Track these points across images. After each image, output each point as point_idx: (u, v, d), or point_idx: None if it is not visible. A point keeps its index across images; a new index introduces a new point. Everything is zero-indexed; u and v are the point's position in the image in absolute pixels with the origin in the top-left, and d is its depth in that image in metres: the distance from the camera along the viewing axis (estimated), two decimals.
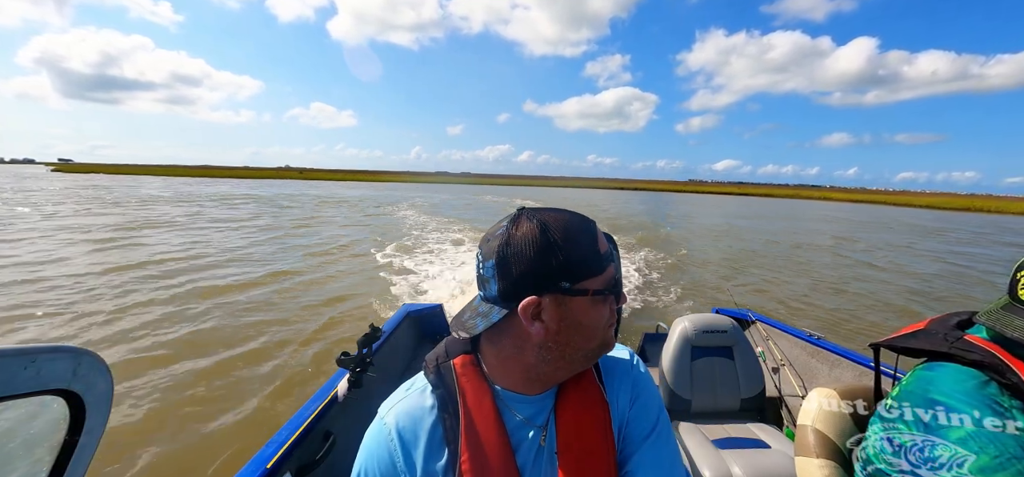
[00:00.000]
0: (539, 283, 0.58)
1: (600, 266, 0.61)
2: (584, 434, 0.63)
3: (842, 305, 7.32)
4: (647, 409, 0.68)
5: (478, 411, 0.63)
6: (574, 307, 0.59)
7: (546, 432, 0.64)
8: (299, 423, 1.44)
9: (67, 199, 22.29)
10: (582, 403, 0.65)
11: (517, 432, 0.63)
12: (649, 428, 0.67)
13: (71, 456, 0.55)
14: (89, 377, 0.55)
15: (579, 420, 0.64)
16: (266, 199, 27.42)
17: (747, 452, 1.67)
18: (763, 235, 17.67)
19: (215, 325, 5.22)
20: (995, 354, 0.73)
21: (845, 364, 2.28)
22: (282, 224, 15.22)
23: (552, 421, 0.65)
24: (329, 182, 77.49)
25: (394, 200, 31.43)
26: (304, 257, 9.48)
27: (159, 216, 16.16)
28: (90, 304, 5.77)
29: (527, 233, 0.59)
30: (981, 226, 29.17)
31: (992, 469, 0.64)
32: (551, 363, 0.62)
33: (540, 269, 0.58)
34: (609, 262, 0.62)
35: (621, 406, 0.68)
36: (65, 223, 13.18)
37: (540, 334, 0.60)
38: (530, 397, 0.65)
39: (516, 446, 0.63)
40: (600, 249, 0.62)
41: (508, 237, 0.60)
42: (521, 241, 0.59)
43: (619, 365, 0.72)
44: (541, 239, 0.59)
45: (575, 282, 0.59)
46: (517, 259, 0.59)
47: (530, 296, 0.58)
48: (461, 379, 0.65)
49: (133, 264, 8.05)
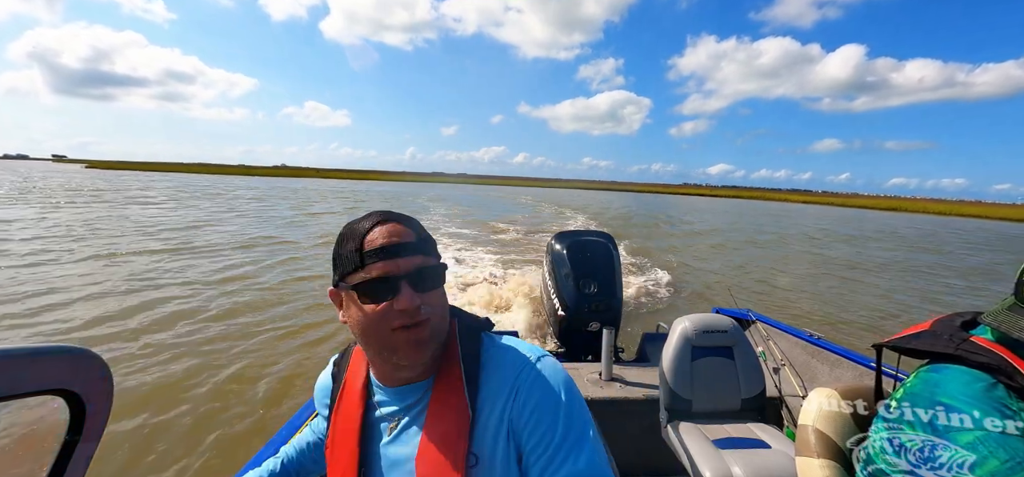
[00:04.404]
0: (334, 276, 0.66)
1: (359, 262, 0.61)
2: (437, 444, 0.61)
3: (843, 303, 7.31)
4: (541, 422, 0.60)
5: (351, 389, 0.73)
6: (345, 302, 0.65)
7: (398, 425, 0.67)
8: (299, 423, 1.44)
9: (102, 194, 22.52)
10: (442, 411, 0.63)
11: (374, 419, 0.69)
12: (548, 441, 0.59)
13: (71, 456, 0.55)
14: (89, 377, 0.55)
15: (436, 429, 0.62)
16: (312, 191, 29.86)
17: (747, 452, 1.67)
18: (761, 235, 17.65)
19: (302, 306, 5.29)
20: (1002, 356, 0.72)
21: (845, 364, 2.28)
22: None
23: (420, 417, 0.65)
24: (340, 180, 79.25)
25: (413, 196, 32.14)
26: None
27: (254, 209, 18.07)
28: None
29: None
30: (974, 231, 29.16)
31: (1003, 473, 0.63)
32: (373, 357, 0.68)
33: (333, 264, 0.66)
34: (376, 259, 0.60)
35: (493, 418, 0.62)
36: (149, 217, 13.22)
37: (344, 322, 0.66)
38: (387, 388, 0.69)
39: (368, 429, 0.69)
40: (365, 247, 0.61)
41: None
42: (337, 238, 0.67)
43: (505, 369, 0.65)
44: (338, 237, 0.66)
45: (341, 278, 0.64)
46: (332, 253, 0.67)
47: (330, 288, 0.67)
48: (352, 362, 0.75)
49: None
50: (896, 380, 0.94)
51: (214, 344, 4.68)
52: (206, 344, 4.67)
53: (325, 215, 18.89)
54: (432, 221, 17.94)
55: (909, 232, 22.71)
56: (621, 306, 3.17)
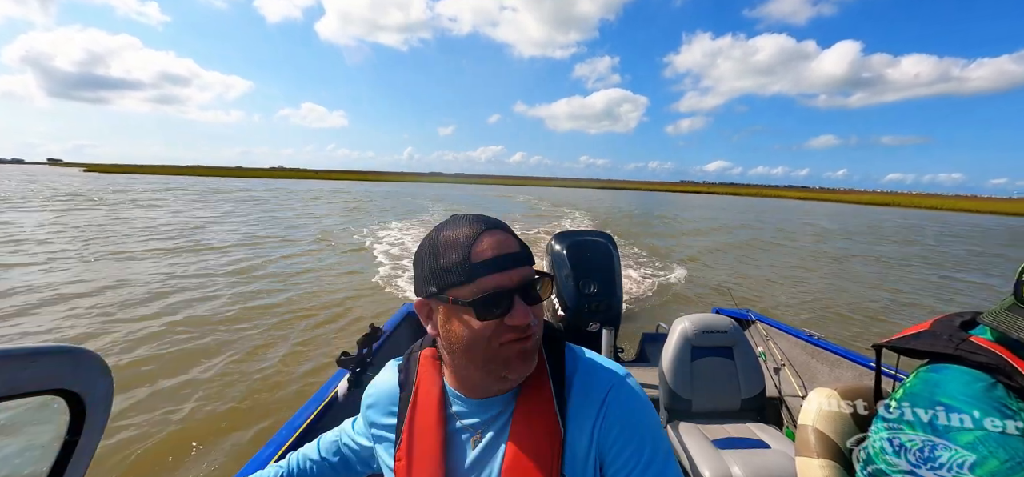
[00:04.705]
0: (421, 285, 0.62)
1: (467, 275, 0.56)
2: (527, 461, 0.60)
3: (845, 303, 7.33)
4: (629, 442, 0.60)
5: (426, 400, 0.68)
6: (446, 314, 0.60)
7: (482, 438, 0.64)
8: (299, 423, 1.44)
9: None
10: (530, 425, 0.61)
11: (455, 431, 0.66)
12: (634, 464, 0.59)
13: (71, 456, 0.55)
14: (89, 377, 0.55)
15: (524, 445, 0.60)
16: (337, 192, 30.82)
17: (747, 452, 1.67)
18: (760, 234, 17.68)
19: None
20: (1002, 356, 0.72)
21: (845, 364, 2.28)
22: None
23: (505, 431, 0.63)
24: (338, 182, 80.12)
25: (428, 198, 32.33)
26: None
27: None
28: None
29: (426, 237, 0.63)
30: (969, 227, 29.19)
31: (1003, 473, 0.63)
32: (463, 369, 0.64)
33: (422, 272, 0.62)
34: (485, 272, 0.56)
35: (584, 436, 0.61)
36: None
37: (435, 335, 0.63)
38: (470, 399, 0.66)
39: (450, 442, 0.65)
40: (473, 258, 0.57)
41: (423, 239, 0.64)
42: (421, 244, 0.64)
43: (594, 386, 0.64)
44: (427, 242, 0.62)
45: (442, 289, 0.59)
46: (416, 261, 0.64)
47: (418, 297, 0.64)
48: (422, 368, 0.71)
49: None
50: (896, 380, 0.94)
51: (212, 345, 4.67)
52: (205, 345, 4.66)
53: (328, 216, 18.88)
54: (433, 221, 17.98)
55: (891, 227, 22.80)
56: (621, 306, 3.17)
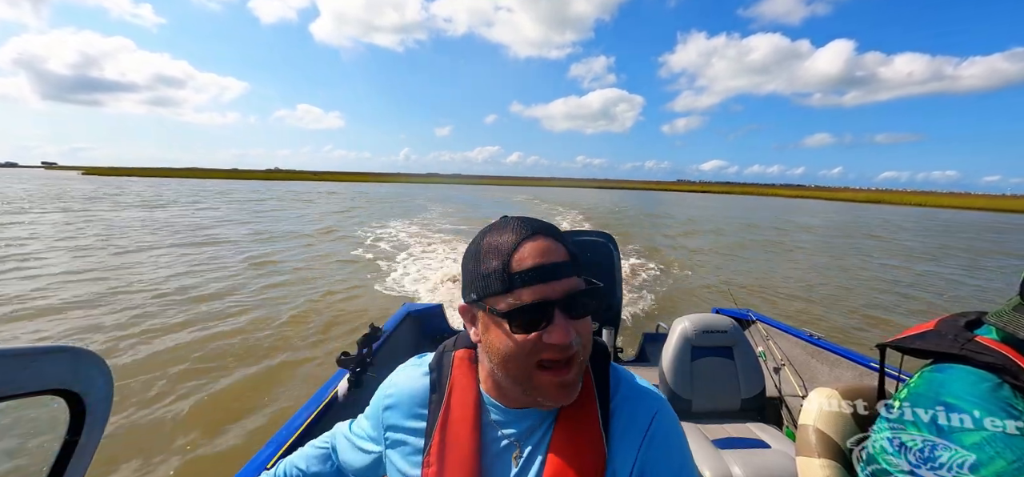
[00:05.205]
0: (465, 290, 0.62)
1: (506, 285, 0.54)
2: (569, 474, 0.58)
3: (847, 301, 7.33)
4: (669, 470, 0.60)
5: (461, 405, 0.65)
6: (485, 323, 0.59)
7: (521, 451, 0.61)
8: (299, 423, 1.43)
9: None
10: (574, 443, 0.60)
11: (490, 441, 0.63)
12: None
13: (71, 456, 0.55)
14: (89, 377, 0.54)
15: (566, 463, 0.59)
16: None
17: (747, 452, 1.67)
18: (761, 233, 17.69)
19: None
20: (1008, 356, 0.72)
21: (845, 364, 2.28)
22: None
23: (543, 445, 0.61)
24: (336, 183, 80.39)
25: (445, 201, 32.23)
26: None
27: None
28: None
29: (473, 240, 0.63)
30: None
31: (1010, 474, 0.62)
32: (503, 380, 0.61)
33: (466, 278, 0.61)
34: (524, 283, 0.54)
35: (627, 461, 0.60)
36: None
37: (477, 341, 0.62)
38: (506, 408, 0.64)
39: (486, 450, 0.63)
40: (513, 267, 0.54)
41: (471, 241, 0.64)
42: (469, 247, 0.63)
43: (640, 409, 0.63)
44: (473, 246, 0.61)
45: (481, 297, 0.58)
46: (462, 264, 0.63)
47: (463, 302, 0.63)
48: (456, 370, 0.68)
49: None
50: (898, 380, 0.94)
51: (215, 343, 4.67)
52: (206, 343, 4.66)
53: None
54: (432, 220, 17.98)
55: (892, 225, 22.88)
56: (621, 306, 3.17)
